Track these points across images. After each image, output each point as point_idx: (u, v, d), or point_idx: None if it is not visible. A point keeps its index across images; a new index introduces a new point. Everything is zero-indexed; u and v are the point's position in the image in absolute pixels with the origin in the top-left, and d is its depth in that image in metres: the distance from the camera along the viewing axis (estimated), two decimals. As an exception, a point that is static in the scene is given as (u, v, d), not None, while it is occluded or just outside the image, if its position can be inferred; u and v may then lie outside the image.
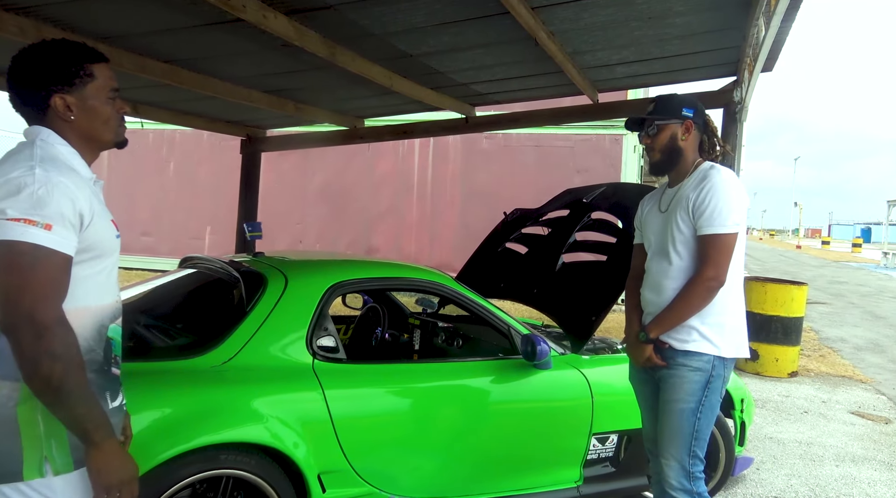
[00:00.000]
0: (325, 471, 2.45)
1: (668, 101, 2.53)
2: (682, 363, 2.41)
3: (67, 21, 3.83)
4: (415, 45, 4.34)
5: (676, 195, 2.48)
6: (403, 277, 3.03)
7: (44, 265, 1.39)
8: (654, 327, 2.44)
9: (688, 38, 4.32)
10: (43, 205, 1.39)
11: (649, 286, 2.55)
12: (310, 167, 12.89)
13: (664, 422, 2.45)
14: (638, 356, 2.51)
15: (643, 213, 2.71)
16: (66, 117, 1.54)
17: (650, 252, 2.60)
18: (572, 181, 10.74)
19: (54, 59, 1.55)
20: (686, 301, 2.37)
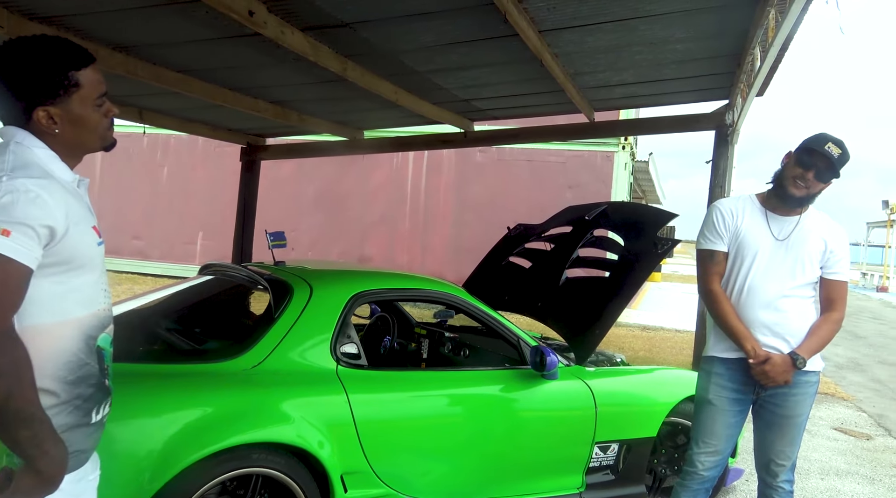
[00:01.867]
0: (348, 472, 2.55)
1: (843, 162, 2.59)
2: (806, 380, 2.66)
3: (89, 31, 3.92)
4: (423, 63, 4.47)
5: (799, 229, 2.66)
6: (421, 289, 3.15)
7: (5, 277, 1.30)
8: (808, 354, 2.60)
9: (685, 63, 4.49)
10: (5, 212, 1.30)
11: (760, 306, 2.65)
12: (305, 175, 12.97)
13: (784, 433, 2.68)
14: (781, 378, 2.58)
15: (738, 226, 2.72)
16: (51, 130, 1.46)
17: (754, 270, 2.66)
18: (564, 196, 10.96)
19: (36, 68, 1.44)
20: (828, 335, 2.66)
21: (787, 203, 2.67)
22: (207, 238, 13.47)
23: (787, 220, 2.69)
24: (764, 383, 2.62)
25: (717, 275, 2.75)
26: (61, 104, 1.45)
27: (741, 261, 2.70)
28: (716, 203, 2.85)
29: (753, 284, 2.68)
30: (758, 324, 2.66)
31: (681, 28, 3.80)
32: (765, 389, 2.67)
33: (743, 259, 2.70)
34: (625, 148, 11.44)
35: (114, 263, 13.97)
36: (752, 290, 2.68)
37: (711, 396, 2.76)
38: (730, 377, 2.71)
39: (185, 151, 13.79)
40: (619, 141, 11.40)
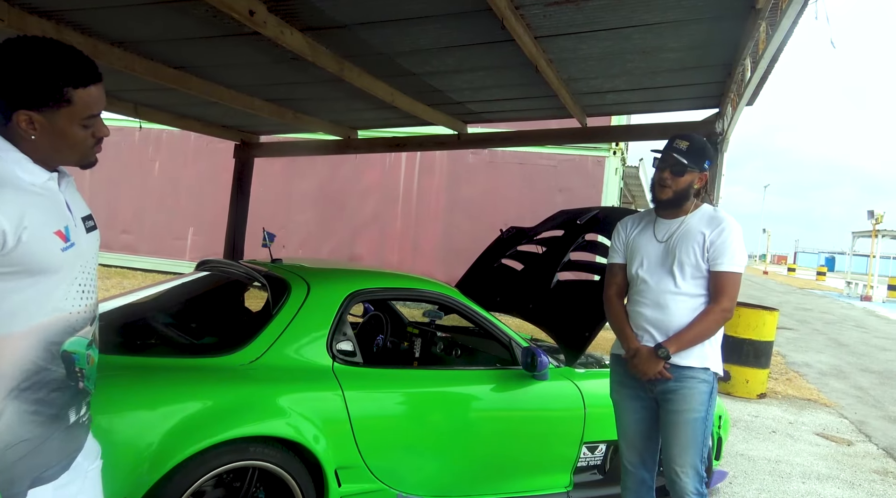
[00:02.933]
0: (342, 466, 2.60)
1: (700, 151, 2.73)
2: (691, 376, 2.67)
3: (88, 25, 3.93)
4: (419, 65, 4.51)
5: (682, 228, 2.74)
6: (416, 289, 3.20)
7: None
8: (674, 344, 2.66)
9: (677, 71, 4.56)
10: None
11: (648, 304, 2.77)
12: (297, 173, 12.97)
13: (676, 433, 2.67)
14: (650, 369, 2.68)
15: (629, 236, 2.92)
16: (27, 135, 1.41)
17: (643, 273, 2.80)
18: (554, 199, 11.03)
19: (31, 73, 1.39)
20: (705, 326, 2.67)
21: (662, 206, 2.80)
22: (198, 234, 13.45)
23: (671, 222, 2.80)
24: (640, 378, 2.73)
25: (614, 284, 2.95)
26: (46, 114, 1.40)
27: (631, 266, 2.86)
28: (620, 221, 3.04)
29: (640, 286, 2.81)
30: (644, 323, 2.77)
31: (673, 38, 3.86)
32: (654, 386, 2.74)
33: (632, 265, 2.86)
34: (616, 153, 11.54)
35: (103, 257, 13.90)
36: (640, 291, 2.81)
37: (613, 393, 2.94)
38: (624, 373, 2.84)
39: (177, 147, 13.75)
40: (610, 146, 11.49)
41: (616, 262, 2.96)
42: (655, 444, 2.85)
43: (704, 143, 2.78)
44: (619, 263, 2.95)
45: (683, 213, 2.78)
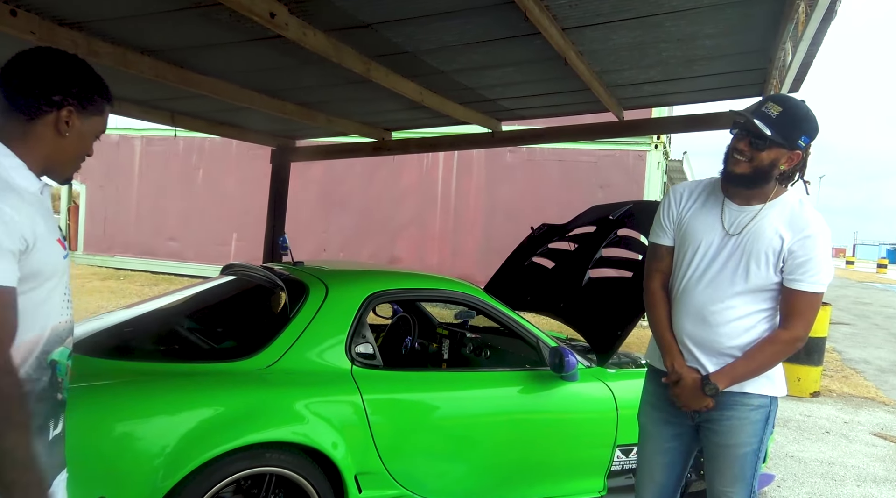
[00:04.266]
0: (362, 472, 2.55)
1: (796, 121, 2.10)
2: (742, 403, 2.19)
3: (117, 35, 3.98)
4: (446, 63, 4.45)
5: (755, 222, 2.16)
6: (437, 289, 3.15)
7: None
8: (725, 380, 2.15)
9: (715, 59, 4.40)
10: None
11: (690, 315, 2.23)
12: (335, 177, 13.07)
13: (721, 467, 2.22)
14: (694, 403, 2.19)
15: (683, 214, 2.30)
16: (63, 132, 1.45)
17: (691, 269, 2.24)
18: (595, 196, 10.83)
19: (92, 80, 1.49)
20: (768, 357, 2.15)
21: (732, 183, 2.19)
22: (241, 239, 13.68)
23: (744, 210, 2.19)
24: (680, 407, 2.25)
25: (657, 272, 2.35)
26: (84, 116, 1.47)
27: (682, 257, 2.27)
28: (673, 187, 2.41)
29: (688, 286, 2.24)
30: (684, 337, 2.25)
31: (708, 23, 3.72)
32: (696, 414, 2.25)
33: (684, 255, 2.27)
34: (657, 147, 11.27)
35: (151, 264, 14.28)
36: (685, 293, 2.25)
37: (641, 415, 2.45)
38: (659, 395, 2.33)
39: (219, 154, 14.02)
40: (651, 140, 11.23)
41: (662, 243, 2.33)
42: (680, 477, 2.40)
43: (805, 112, 2.11)
44: (665, 245, 2.32)
45: (760, 200, 2.17)
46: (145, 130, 14.51)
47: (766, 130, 2.04)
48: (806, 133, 2.10)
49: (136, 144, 14.92)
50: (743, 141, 2.12)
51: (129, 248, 15.01)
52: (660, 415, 2.36)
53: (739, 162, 2.12)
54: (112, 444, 2.15)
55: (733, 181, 2.19)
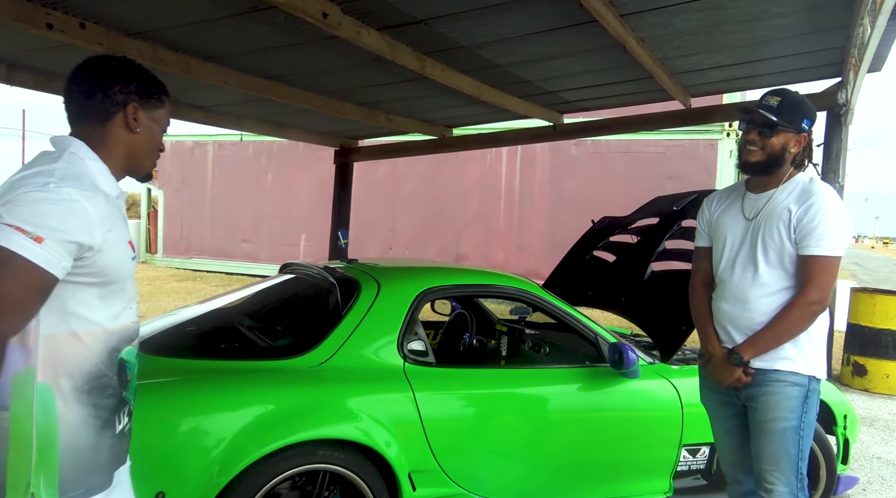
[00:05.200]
0: (416, 470, 2.54)
1: (795, 107, 2.34)
2: (777, 379, 2.31)
3: (180, 43, 4.11)
4: (503, 56, 4.39)
5: (769, 204, 2.36)
6: (491, 285, 3.10)
7: (13, 275, 1.28)
8: (749, 349, 2.32)
9: (786, 39, 4.18)
10: (43, 218, 1.31)
11: (728, 298, 2.43)
12: (400, 176, 13.17)
13: (764, 444, 2.32)
14: (725, 376, 2.38)
15: (713, 215, 2.57)
16: (133, 128, 1.54)
17: (724, 259, 2.46)
18: (664, 188, 10.51)
19: (146, 76, 1.59)
20: (787, 324, 2.28)
21: (750, 171, 2.42)
22: (310, 239, 13.96)
23: (761, 196, 2.41)
24: (717, 385, 2.44)
25: (699, 271, 2.63)
26: (148, 110, 1.57)
27: (716, 249, 2.53)
28: (706, 197, 2.69)
29: (723, 274, 2.46)
30: (723, 319, 2.44)
31: (775, 2, 3.53)
32: (739, 392, 2.41)
33: (717, 249, 2.52)
34: (730, 135, 10.83)
35: (226, 265, 14.77)
36: (722, 281, 2.47)
37: (702, 398, 2.64)
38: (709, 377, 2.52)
39: (287, 157, 14.36)
40: (722, 128, 10.81)
41: (701, 245, 2.63)
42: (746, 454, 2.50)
43: (801, 98, 2.38)
44: (703, 246, 2.61)
45: (774, 184, 2.39)
46: (216, 136, 15.03)
47: (773, 117, 2.30)
48: (807, 116, 2.37)
49: (209, 150, 15.45)
50: (752, 132, 2.36)
51: (204, 250, 15.57)
52: (714, 396, 2.55)
53: (752, 151, 2.36)
54: (171, 440, 2.20)
55: (750, 170, 2.41)
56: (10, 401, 1.33)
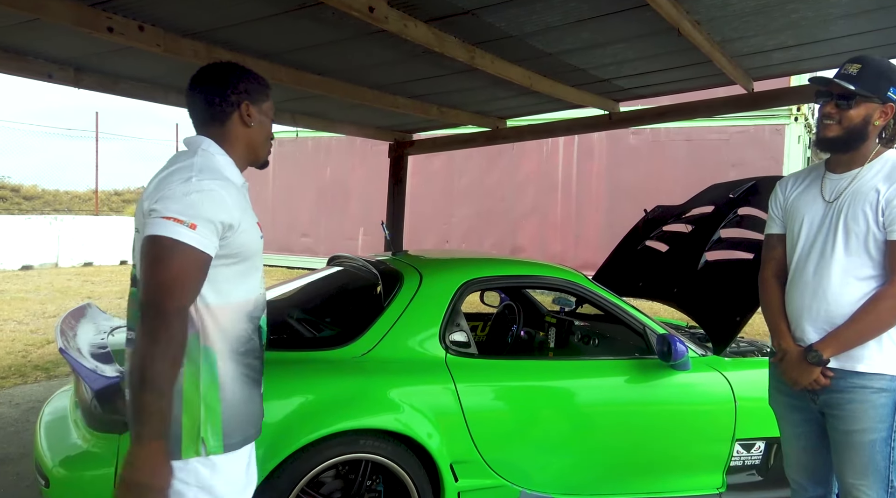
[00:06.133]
0: (458, 461, 2.54)
1: (879, 74, 2.08)
2: (861, 385, 2.08)
3: (233, 42, 4.21)
4: (553, 44, 4.33)
5: (853, 185, 2.12)
6: (535, 276, 3.07)
7: (180, 259, 1.51)
8: (830, 347, 2.08)
9: (854, 16, 3.98)
10: (193, 208, 1.53)
11: (803, 289, 2.18)
12: (456, 168, 13.18)
13: (850, 457, 2.10)
14: (801, 377, 2.14)
15: (788, 199, 2.32)
16: (248, 123, 1.75)
17: (800, 247, 2.22)
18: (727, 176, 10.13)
19: (250, 75, 1.79)
20: (874, 317, 2.04)
21: (828, 148, 2.18)
22: (367, 233, 14.14)
23: (844, 176, 2.16)
24: (792, 386, 2.21)
25: (771, 261, 2.37)
26: (258, 106, 1.78)
27: (791, 238, 2.27)
28: (779, 180, 2.44)
29: (798, 263, 2.21)
30: (801, 313, 2.18)
31: (839, -24, 3.36)
32: (815, 396, 2.18)
33: (791, 233, 2.27)
34: (797, 119, 10.39)
35: (288, 259, 15.10)
36: (797, 271, 2.22)
37: (771, 400, 2.41)
38: (781, 378, 2.28)
39: (344, 152, 14.56)
40: (790, 112, 10.37)
41: (773, 232, 2.36)
42: (828, 458, 2.27)
43: (888, 64, 2.10)
44: (776, 233, 2.35)
45: (859, 163, 2.13)
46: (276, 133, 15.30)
47: (850, 86, 2.05)
48: (894, 83, 2.08)
49: (270, 147, 15.79)
50: (829, 105, 2.12)
51: (268, 245, 15.82)
52: (785, 399, 2.33)
53: (829, 126, 2.12)
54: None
55: (827, 147, 2.18)
56: (183, 361, 1.55)
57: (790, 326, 2.24)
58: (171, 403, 1.51)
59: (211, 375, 1.60)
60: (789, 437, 2.36)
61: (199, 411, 1.58)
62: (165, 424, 1.49)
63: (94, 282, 12.00)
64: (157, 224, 1.52)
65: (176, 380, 1.52)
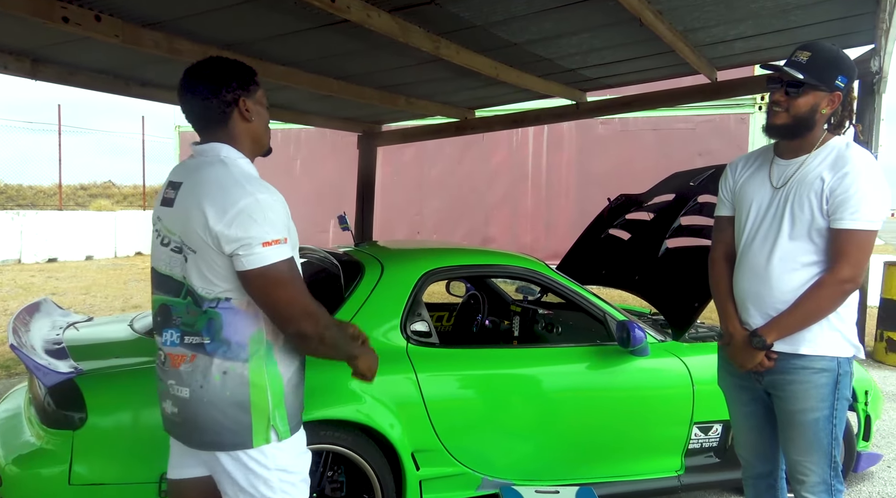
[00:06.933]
0: (419, 450, 2.55)
1: (828, 63, 2.09)
2: (803, 366, 2.13)
3: (196, 32, 4.14)
4: (517, 34, 4.34)
5: (800, 171, 2.14)
6: (496, 265, 3.08)
7: (293, 273, 1.68)
8: (773, 332, 2.13)
9: (814, 6, 4.04)
10: (276, 224, 1.64)
11: (749, 274, 2.22)
12: (427, 160, 13.16)
13: (794, 435, 2.17)
14: (746, 361, 2.20)
15: (738, 182, 2.35)
16: (248, 118, 1.74)
17: (746, 231, 2.26)
18: (694, 164, 10.16)
19: (236, 68, 1.76)
20: (815, 303, 2.08)
21: (775, 136, 2.20)
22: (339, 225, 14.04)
23: (791, 162, 2.19)
24: (738, 367, 2.27)
25: (720, 243, 2.41)
26: (252, 97, 1.76)
27: (739, 221, 2.31)
28: (729, 163, 2.47)
29: (745, 246, 2.25)
30: (744, 297, 2.24)
31: (798, -34, 3.41)
32: (760, 377, 2.24)
33: (739, 217, 2.31)
34: (762, 108, 10.55)
35: (259, 252, 14.92)
36: (743, 253, 2.25)
37: (720, 380, 2.47)
38: (729, 360, 2.34)
39: (315, 144, 14.46)
40: (754, 101, 10.53)
41: (723, 214, 2.39)
42: (774, 437, 2.34)
43: (836, 53, 2.11)
44: (726, 215, 2.38)
45: (806, 150, 2.15)
46: (246, 125, 15.15)
47: (798, 75, 2.06)
48: (842, 72, 2.10)
49: (239, 139, 15.59)
50: (779, 92, 2.14)
51: (238, 237, 15.77)
52: (733, 380, 2.39)
53: (778, 113, 2.14)
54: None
55: (775, 134, 2.20)
56: (249, 356, 1.68)
57: (737, 309, 2.29)
58: (341, 338, 1.83)
59: (274, 366, 1.72)
60: (738, 416, 2.42)
61: (268, 403, 1.70)
62: (347, 344, 1.87)
63: (58, 278, 11.79)
64: (263, 255, 1.61)
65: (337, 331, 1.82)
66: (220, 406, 1.67)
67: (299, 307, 1.67)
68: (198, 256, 1.66)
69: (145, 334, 2.72)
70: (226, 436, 1.68)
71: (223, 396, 1.67)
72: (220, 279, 1.66)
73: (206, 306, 1.67)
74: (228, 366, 1.67)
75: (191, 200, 1.66)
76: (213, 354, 1.67)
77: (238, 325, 1.67)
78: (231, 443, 1.68)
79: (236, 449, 1.68)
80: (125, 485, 2.24)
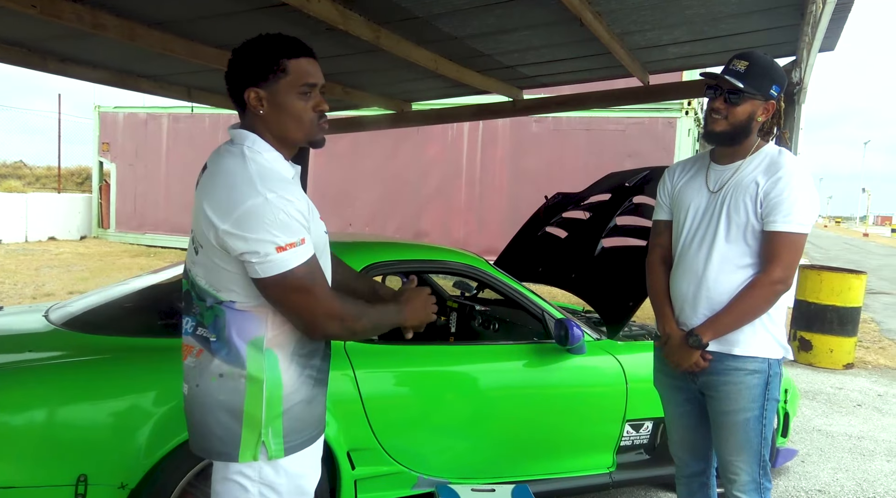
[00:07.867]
0: (355, 449, 2.50)
1: (764, 72, 2.17)
2: (735, 367, 2.20)
3: (122, 8, 3.91)
4: (459, 28, 4.31)
5: (735, 176, 2.22)
6: (437, 260, 3.05)
7: (314, 273, 1.56)
8: (709, 331, 2.19)
9: (743, 16, 4.18)
10: (289, 225, 1.50)
11: (687, 276, 2.28)
12: (361, 151, 13.00)
13: (726, 435, 2.24)
14: (682, 360, 2.25)
15: (676, 186, 2.41)
16: (257, 111, 1.61)
17: (685, 234, 2.31)
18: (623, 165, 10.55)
19: (252, 55, 1.63)
20: (749, 304, 2.16)
21: (715, 141, 2.26)
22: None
23: (727, 167, 2.27)
24: (674, 368, 2.32)
25: (657, 246, 2.48)
26: (269, 87, 1.60)
27: (677, 225, 2.38)
28: (667, 168, 2.52)
29: (682, 250, 2.31)
30: (684, 298, 2.28)
31: (731, -22, 3.51)
32: (695, 377, 2.30)
33: (677, 222, 2.37)
34: (688, 113, 10.92)
35: (181, 241, 14.47)
36: (681, 256, 2.32)
37: (655, 381, 2.54)
38: (664, 360, 2.39)
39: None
40: (682, 106, 10.88)
41: (661, 218, 2.46)
42: (708, 436, 2.41)
43: (771, 63, 2.21)
44: (663, 219, 2.45)
45: (741, 155, 2.24)
46: (171, 108, 14.61)
47: (738, 83, 2.12)
48: (776, 81, 2.19)
49: (164, 122, 15.03)
50: (718, 100, 2.19)
51: (159, 225, 15.22)
52: (669, 380, 2.44)
53: (717, 120, 2.20)
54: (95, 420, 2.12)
55: (715, 140, 2.26)
56: (246, 362, 1.57)
57: (674, 310, 2.34)
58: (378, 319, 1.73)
59: (274, 378, 1.60)
60: (672, 416, 2.48)
61: (261, 418, 1.58)
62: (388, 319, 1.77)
63: (-37, 262, 11.04)
64: (278, 261, 1.50)
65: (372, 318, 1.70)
66: (212, 409, 1.58)
67: (321, 311, 1.57)
68: (204, 252, 1.58)
69: (62, 326, 2.55)
70: (214, 443, 1.59)
71: (217, 399, 1.58)
72: (225, 279, 1.56)
73: (210, 302, 1.59)
74: (226, 369, 1.58)
75: (202, 192, 1.59)
76: (215, 353, 1.58)
77: (240, 327, 1.57)
78: (217, 451, 1.60)
79: (220, 459, 1.60)
80: (38, 488, 2.10)
